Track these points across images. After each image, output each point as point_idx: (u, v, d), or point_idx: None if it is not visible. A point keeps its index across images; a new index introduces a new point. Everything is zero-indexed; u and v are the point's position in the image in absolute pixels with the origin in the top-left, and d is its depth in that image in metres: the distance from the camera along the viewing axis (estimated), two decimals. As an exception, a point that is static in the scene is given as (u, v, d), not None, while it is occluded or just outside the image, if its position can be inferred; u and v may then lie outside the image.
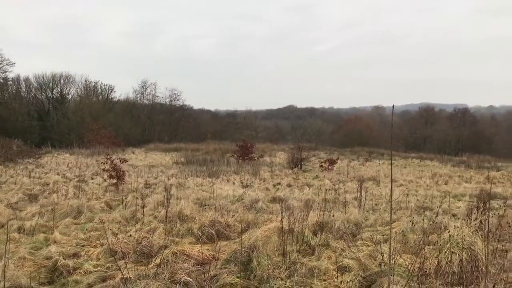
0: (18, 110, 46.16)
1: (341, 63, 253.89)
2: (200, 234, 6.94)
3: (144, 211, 8.81)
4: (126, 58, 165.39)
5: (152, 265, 5.39)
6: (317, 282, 4.91)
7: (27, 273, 5.15)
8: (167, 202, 8.09)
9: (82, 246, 6.64)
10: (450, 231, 5.31)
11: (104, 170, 16.00)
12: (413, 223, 6.93)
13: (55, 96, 52.18)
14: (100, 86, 56.66)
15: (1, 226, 7.96)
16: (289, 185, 17.15)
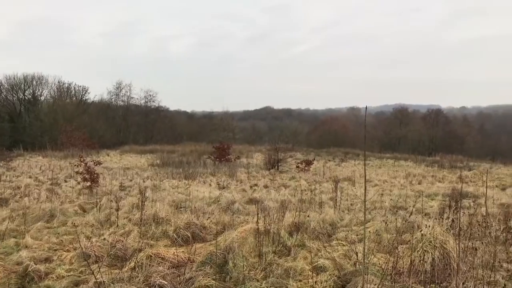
0: (-13, 112, 45.06)
1: (318, 64, 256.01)
2: (176, 237, 6.89)
3: (118, 214, 8.68)
4: (101, 59, 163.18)
5: (126, 268, 5.31)
6: (293, 283, 4.92)
7: (-4, 279, 5.02)
8: (142, 205, 8.00)
9: (55, 250, 6.51)
10: (422, 231, 5.40)
11: (77, 172, 15.73)
12: (387, 223, 7.03)
13: (27, 98, 51.00)
14: (74, 88, 55.86)
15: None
16: (266, 186, 17.18)
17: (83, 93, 56.50)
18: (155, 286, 4.66)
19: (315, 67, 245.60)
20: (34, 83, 51.38)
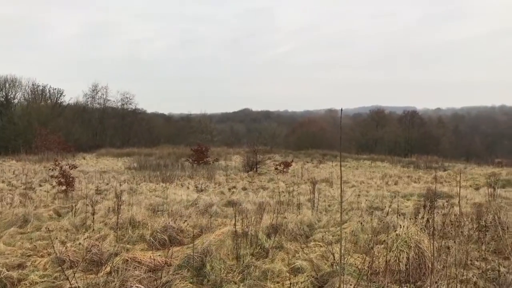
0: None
1: (296, 66, 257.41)
2: (153, 240, 6.82)
3: (94, 218, 8.55)
4: (76, 61, 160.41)
5: (102, 273, 5.23)
6: (270, 285, 4.94)
7: (-33, 287, 4.89)
8: (118, 208, 7.90)
9: (28, 256, 6.37)
10: (397, 231, 5.48)
11: (52, 176, 15.44)
12: (362, 223, 7.10)
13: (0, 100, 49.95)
14: (49, 90, 54.95)
15: None
16: (244, 189, 17.17)
17: (58, 95, 55.72)
18: (132, 290, 4.61)
19: (293, 69, 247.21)
20: (7, 85, 50.36)
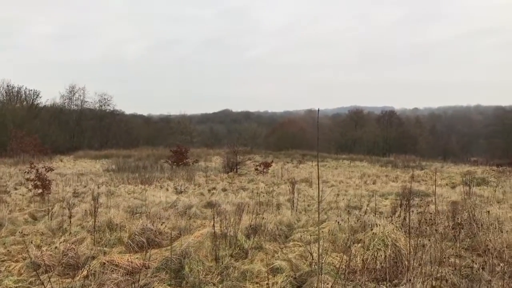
0: None
1: (276, 67, 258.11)
2: (131, 243, 6.75)
3: (71, 221, 8.42)
4: (54, 62, 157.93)
5: (78, 277, 5.16)
6: (249, 285, 4.94)
7: None
8: (95, 211, 7.80)
9: (2, 261, 6.24)
10: (373, 229, 5.54)
11: (28, 179, 15.14)
12: (339, 222, 7.16)
13: (-27, 102, 48.88)
14: (24, 92, 53.82)
15: None
16: (224, 190, 17.14)
17: (34, 97, 54.63)
18: (109, 294, 4.56)
19: (273, 70, 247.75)
20: (-19, 87, 49.26)
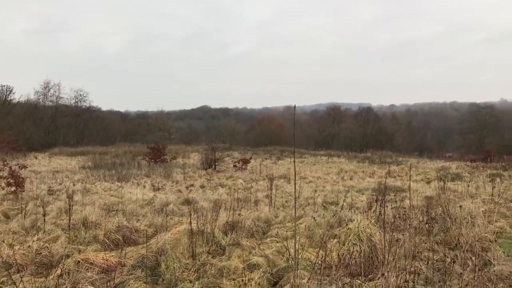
0: None
1: (255, 63, 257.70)
2: (106, 241, 6.66)
3: (45, 220, 8.27)
4: (27, 57, 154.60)
5: (52, 276, 5.06)
6: (226, 282, 4.93)
7: None
8: (70, 209, 7.68)
9: (-27, 262, 6.09)
10: (349, 225, 5.60)
11: (1, 177, 14.81)
12: (315, 218, 7.22)
13: None
14: (-3, 88, 52.56)
15: None
16: (202, 186, 17.09)
17: (7, 93, 53.46)
18: (83, 293, 4.50)
19: (252, 66, 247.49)
20: (-49, 82, 47.89)
